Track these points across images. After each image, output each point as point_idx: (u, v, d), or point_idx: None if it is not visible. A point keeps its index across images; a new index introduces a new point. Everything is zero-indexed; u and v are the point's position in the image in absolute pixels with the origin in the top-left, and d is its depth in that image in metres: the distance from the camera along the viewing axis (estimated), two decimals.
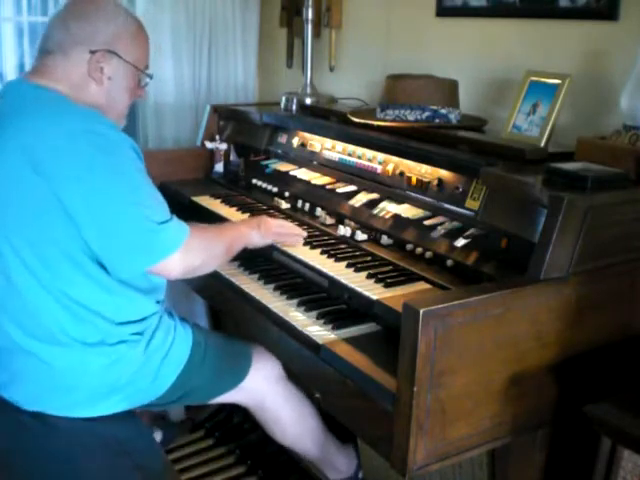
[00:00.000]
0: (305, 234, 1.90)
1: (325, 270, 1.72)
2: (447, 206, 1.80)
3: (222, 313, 2.49)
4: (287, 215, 2.12)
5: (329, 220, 2.02)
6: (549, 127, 1.78)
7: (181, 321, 1.79)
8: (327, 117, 2.40)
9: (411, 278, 1.63)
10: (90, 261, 1.52)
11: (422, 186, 1.88)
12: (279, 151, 2.49)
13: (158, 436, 2.31)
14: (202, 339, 1.78)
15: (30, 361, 1.54)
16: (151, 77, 1.75)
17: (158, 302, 1.71)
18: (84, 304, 1.54)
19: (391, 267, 1.71)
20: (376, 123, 2.09)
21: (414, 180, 1.91)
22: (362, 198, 2.02)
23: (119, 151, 1.51)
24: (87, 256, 1.51)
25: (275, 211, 2.17)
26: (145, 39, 1.71)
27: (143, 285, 1.63)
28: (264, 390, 1.86)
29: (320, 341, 1.51)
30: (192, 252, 1.55)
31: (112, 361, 1.57)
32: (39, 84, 1.57)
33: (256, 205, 2.27)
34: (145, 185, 1.54)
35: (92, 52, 1.59)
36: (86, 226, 1.47)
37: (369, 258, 1.78)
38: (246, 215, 2.15)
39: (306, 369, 1.57)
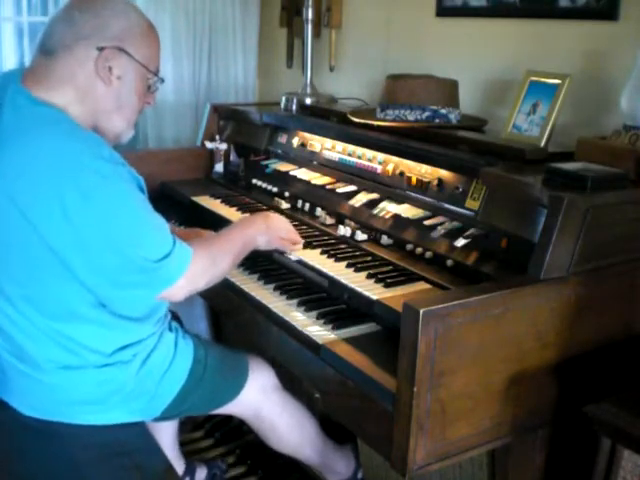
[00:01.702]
0: (302, 241, 1.85)
1: (325, 270, 1.72)
2: (447, 206, 1.80)
3: (222, 314, 2.49)
4: (287, 215, 2.11)
5: (329, 220, 2.02)
6: (549, 127, 1.78)
7: (183, 335, 1.73)
8: (327, 117, 2.39)
9: (411, 278, 1.63)
10: (91, 308, 1.47)
11: (422, 186, 1.88)
12: (279, 151, 2.49)
13: (202, 473, 2.23)
14: (202, 355, 1.72)
15: (21, 376, 1.52)
16: (162, 81, 1.62)
17: (158, 321, 1.65)
18: (79, 341, 1.49)
19: (391, 267, 1.71)
20: (376, 123, 2.09)
21: (414, 180, 1.91)
22: (362, 198, 2.02)
23: (112, 187, 1.39)
24: (89, 305, 1.46)
25: (275, 211, 2.17)
26: (156, 39, 1.59)
27: (141, 314, 1.57)
28: (260, 400, 1.83)
29: (320, 341, 1.51)
30: (196, 277, 1.50)
31: (100, 381, 1.53)
32: (38, 98, 1.43)
33: (256, 205, 2.27)
34: (142, 220, 1.44)
35: (100, 49, 1.46)
36: (83, 274, 1.41)
37: (369, 258, 1.78)
38: (246, 215, 2.13)
39: (306, 369, 1.57)
